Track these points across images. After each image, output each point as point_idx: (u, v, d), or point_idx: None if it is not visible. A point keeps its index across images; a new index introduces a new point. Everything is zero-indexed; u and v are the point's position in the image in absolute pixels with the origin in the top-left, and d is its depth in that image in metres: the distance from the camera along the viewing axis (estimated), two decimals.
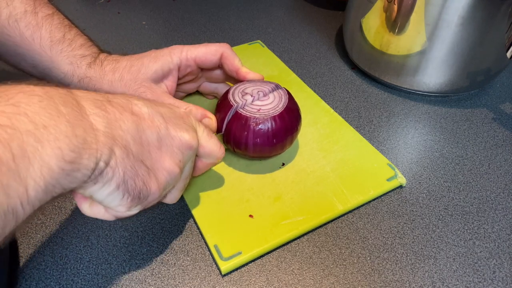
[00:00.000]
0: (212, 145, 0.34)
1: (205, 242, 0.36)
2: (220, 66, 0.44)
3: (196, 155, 0.34)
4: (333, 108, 0.50)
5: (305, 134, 0.45)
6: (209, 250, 0.35)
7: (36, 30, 0.38)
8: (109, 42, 0.61)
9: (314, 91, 0.52)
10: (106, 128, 0.25)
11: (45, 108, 0.22)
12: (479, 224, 0.39)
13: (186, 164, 0.32)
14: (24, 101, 0.22)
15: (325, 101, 0.51)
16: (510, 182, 0.43)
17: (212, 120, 0.40)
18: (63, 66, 0.39)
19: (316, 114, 0.48)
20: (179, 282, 0.34)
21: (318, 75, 0.56)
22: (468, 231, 0.38)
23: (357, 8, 0.53)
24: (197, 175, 0.37)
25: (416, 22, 0.46)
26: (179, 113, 0.32)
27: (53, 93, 0.24)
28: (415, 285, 0.34)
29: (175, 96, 0.46)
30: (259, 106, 0.39)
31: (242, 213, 0.38)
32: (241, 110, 0.39)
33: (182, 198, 0.40)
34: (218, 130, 0.40)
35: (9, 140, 0.20)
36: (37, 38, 0.38)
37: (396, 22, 0.48)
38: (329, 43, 0.63)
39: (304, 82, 0.53)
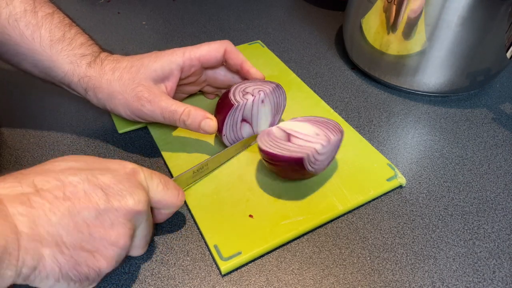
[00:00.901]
0: (168, 197, 0.32)
1: (205, 242, 0.36)
2: (224, 63, 0.44)
3: (154, 208, 0.33)
4: (333, 108, 0.50)
5: None
6: (209, 250, 0.35)
7: (36, 29, 0.38)
8: (109, 42, 0.61)
9: (314, 91, 0.52)
10: (31, 229, 0.24)
11: None
12: (479, 224, 0.39)
13: (139, 226, 0.30)
14: None
15: (325, 101, 0.51)
16: (510, 182, 0.43)
17: (212, 122, 0.39)
18: (63, 65, 0.39)
19: (316, 114, 0.48)
20: (179, 282, 0.34)
21: (318, 75, 0.56)
22: (468, 231, 0.38)
23: (357, 8, 0.53)
24: (161, 222, 0.36)
25: (416, 22, 0.46)
26: (123, 175, 0.30)
27: None
28: (415, 285, 0.34)
29: (177, 97, 0.46)
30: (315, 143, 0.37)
31: (242, 213, 0.38)
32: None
33: None
34: (219, 131, 0.40)
35: None
36: (37, 38, 0.38)
37: (396, 22, 0.48)
38: (329, 43, 0.63)
39: (304, 82, 0.53)
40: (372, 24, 0.51)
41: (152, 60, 0.40)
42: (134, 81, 0.39)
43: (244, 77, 0.44)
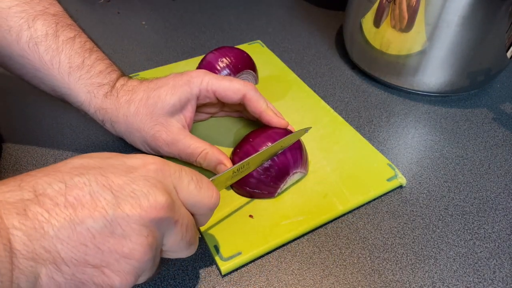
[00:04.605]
0: (201, 198, 0.28)
1: (205, 242, 0.36)
2: (242, 105, 0.40)
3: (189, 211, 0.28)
4: (333, 108, 0.49)
5: (305, 134, 0.45)
6: (209, 250, 0.35)
7: (55, 54, 0.37)
8: (109, 42, 0.61)
9: (314, 91, 0.52)
10: (25, 245, 0.21)
11: None
12: (479, 224, 0.39)
13: (167, 231, 0.26)
14: None
15: (325, 101, 0.51)
16: (510, 182, 0.43)
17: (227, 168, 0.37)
18: (80, 94, 0.38)
19: (316, 114, 0.48)
20: (179, 282, 0.33)
21: (318, 75, 0.56)
22: (468, 231, 0.38)
23: (357, 8, 0.53)
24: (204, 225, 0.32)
25: (416, 22, 0.46)
26: (142, 172, 0.25)
27: None
28: (415, 285, 0.34)
29: (199, 118, 0.45)
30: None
31: (242, 213, 0.38)
32: None
33: None
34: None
35: None
36: (55, 63, 0.37)
37: (396, 22, 0.48)
38: (329, 43, 0.63)
39: (304, 82, 0.53)
40: (372, 24, 0.51)
41: (170, 92, 0.38)
42: (152, 118, 0.38)
43: (264, 124, 0.41)
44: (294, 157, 0.38)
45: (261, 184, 0.38)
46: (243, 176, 0.37)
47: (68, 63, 0.37)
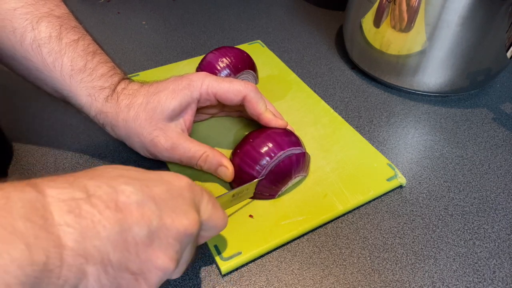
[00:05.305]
0: (216, 218, 0.29)
1: (205, 242, 0.36)
2: (242, 105, 0.40)
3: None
4: (333, 108, 0.50)
5: (305, 134, 0.45)
6: (209, 250, 0.35)
7: (58, 57, 0.37)
8: (109, 42, 0.61)
9: (314, 91, 0.52)
10: (77, 242, 0.21)
11: None
12: (479, 224, 0.39)
13: (185, 250, 0.27)
14: None
15: (325, 101, 0.51)
16: (510, 182, 0.43)
17: (228, 171, 0.38)
18: (82, 97, 0.38)
19: (316, 114, 0.48)
20: (179, 282, 0.34)
21: (318, 75, 0.56)
22: (468, 231, 0.38)
23: (357, 8, 0.53)
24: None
25: (416, 22, 0.46)
26: (178, 190, 0.27)
27: (14, 201, 0.20)
28: (415, 285, 0.34)
29: (199, 118, 0.45)
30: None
31: (242, 213, 0.38)
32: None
33: None
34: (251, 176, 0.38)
35: None
36: (58, 66, 0.37)
37: (396, 22, 0.48)
38: (329, 43, 0.63)
39: (304, 82, 0.53)
40: (372, 24, 0.51)
41: (170, 96, 0.37)
42: (151, 123, 0.37)
43: (263, 125, 0.41)
44: (297, 161, 0.38)
45: (262, 186, 0.38)
46: (242, 201, 0.37)
47: (70, 66, 0.37)
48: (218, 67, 0.47)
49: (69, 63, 0.37)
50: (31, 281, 0.19)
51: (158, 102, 0.37)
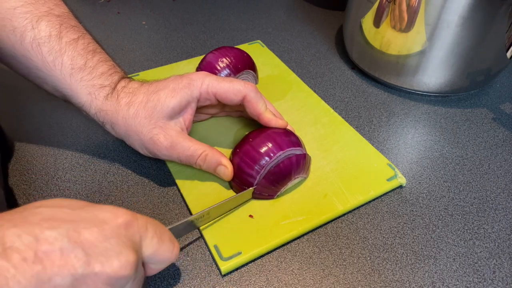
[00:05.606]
0: (162, 251, 0.28)
1: (205, 242, 0.36)
2: (242, 105, 0.40)
3: (145, 262, 0.29)
4: (333, 108, 0.50)
5: (305, 134, 0.45)
6: (209, 250, 0.35)
7: (58, 56, 0.37)
8: (109, 42, 0.61)
9: (314, 91, 0.52)
10: None
11: None
12: (479, 224, 0.39)
13: (125, 287, 0.26)
14: None
15: (325, 101, 0.51)
16: (510, 182, 0.43)
17: (227, 170, 0.38)
18: (82, 95, 0.38)
19: (316, 114, 0.48)
20: (179, 282, 0.34)
21: (318, 75, 0.56)
22: (468, 231, 0.38)
23: (357, 8, 0.53)
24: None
25: (416, 22, 0.46)
26: (113, 229, 0.25)
27: None
28: (415, 285, 0.34)
29: (199, 118, 0.45)
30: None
31: (242, 213, 0.38)
32: None
33: (182, 199, 0.40)
34: (248, 184, 0.38)
35: None
36: (58, 65, 0.37)
37: (396, 22, 0.48)
38: (329, 43, 0.63)
39: (304, 82, 0.53)
40: (372, 24, 0.51)
41: (169, 95, 0.37)
42: (151, 121, 0.37)
43: (263, 125, 0.41)
44: (297, 162, 0.38)
45: (261, 186, 0.38)
46: (204, 224, 0.36)
47: (71, 65, 0.37)
48: (218, 67, 0.47)
49: (69, 61, 0.37)
50: None
51: (158, 100, 0.37)
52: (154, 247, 0.28)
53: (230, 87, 0.38)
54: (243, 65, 0.48)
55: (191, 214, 0.38)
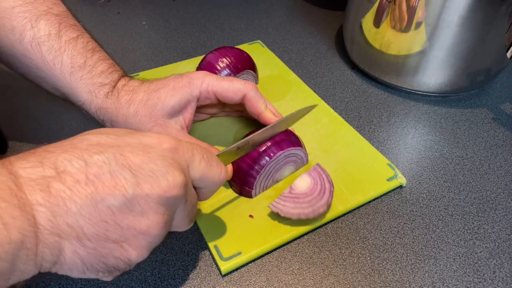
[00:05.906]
0: (211, 175, 0.29)
1: (205, 242, 0.36)
2: (242, 104, 0.40)
3: (196, 186, 0.30)
4: (333, 108, 0.50)
5: (305, 134, 0.45)
6: (209, 250, 0.35)
7: (58, 54, 0.37)
8: (109, 42, 0.61)
9: (314, 91, 0.52)
10: (49, 221, 0.22)
11: None
12: (479, 224, 0.39)
13: (178, 208, 0.28)
14: None
15: (325, 101, 0.51)
16: (510, 182, 0.43)
17: (227, 169, 0.37)
18: (82, 94, 0.38)
19: (316, 114, 0.48)
20: (179, 282, 0.34)
21: (318, 75, 0.56)
22: (468, 231, 0.38)
23: (357, 8, 0.53)
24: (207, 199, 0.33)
25: (416, 22, 0.46)
26: (159, 152, 0.26)
27: None
28: (415, 285, 0.34)
29: (199, 118, 0.45)
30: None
31: (242, 213, 0.38)
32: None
33: None
34: (247, 186, 0.38)
35: None
36: (58, 63, 0.37)
37: (396, 22, 0.48)
38: (329, 43, 0.63)
39: (304, 82, 0.53)
40: (372, 24, 0.51)
41: (170, 93, 0.38)
42: (151, 119, 0.37)
43: (263, 124, 0.40)
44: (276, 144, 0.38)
45: (246, 175, 0.38)
46: (246, 153, 0.37)
47: (70, 63, 0.37)
48: (218, 67, 0.47)
49: (69, 60, 0.37)
50: (9, 257, 0.20)
51: (158, 99, 0.37)
52: (203, 170, 0.29)
53: (230, 86, 0.39)
54: (243, 65, 0.48)
55: None
